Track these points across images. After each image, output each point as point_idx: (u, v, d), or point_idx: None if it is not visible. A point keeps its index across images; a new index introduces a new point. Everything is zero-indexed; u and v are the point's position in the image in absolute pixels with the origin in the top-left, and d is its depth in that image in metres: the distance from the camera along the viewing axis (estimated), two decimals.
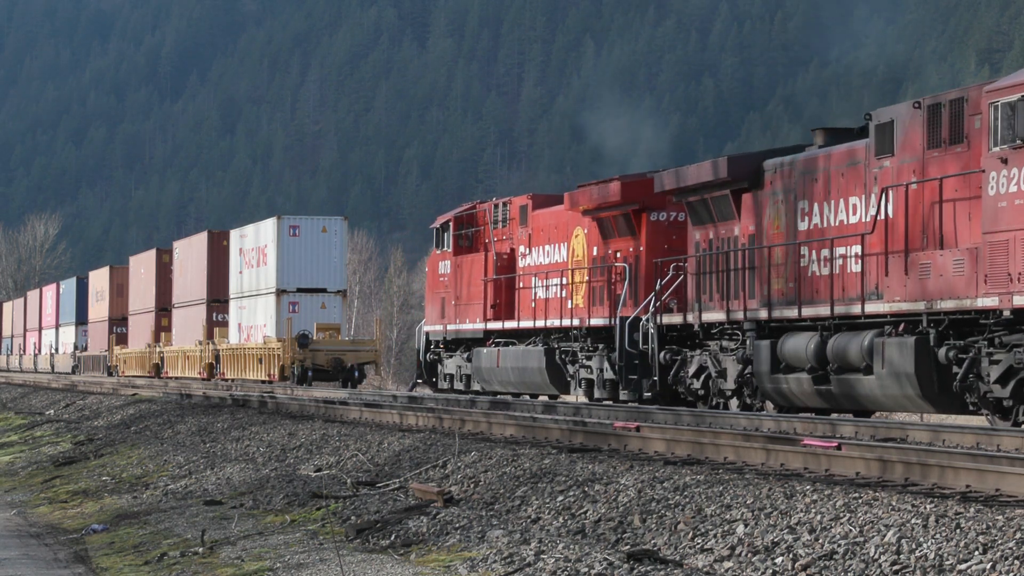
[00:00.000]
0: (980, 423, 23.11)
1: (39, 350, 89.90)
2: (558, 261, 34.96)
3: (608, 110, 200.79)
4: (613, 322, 31.24)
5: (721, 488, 13.31)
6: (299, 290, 50.64)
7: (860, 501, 11.88)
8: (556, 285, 34.66)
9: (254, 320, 52.72)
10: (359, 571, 13.10)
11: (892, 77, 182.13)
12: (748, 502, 12.62)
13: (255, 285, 52.75)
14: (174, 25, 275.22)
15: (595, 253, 33.19)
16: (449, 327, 39.43)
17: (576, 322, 33.26)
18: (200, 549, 15.61)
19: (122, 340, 71.18)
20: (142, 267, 68.18)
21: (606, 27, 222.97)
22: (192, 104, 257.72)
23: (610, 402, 30.73)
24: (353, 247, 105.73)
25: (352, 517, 15.96)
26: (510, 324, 36.44)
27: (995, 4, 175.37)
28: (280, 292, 50.37)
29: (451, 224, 39.83)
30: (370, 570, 13.09)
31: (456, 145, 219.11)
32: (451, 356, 39.78)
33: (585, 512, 13.94)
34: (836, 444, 15.47)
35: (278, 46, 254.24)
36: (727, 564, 11.46)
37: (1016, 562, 9.82)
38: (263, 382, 48.43)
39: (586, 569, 11.68)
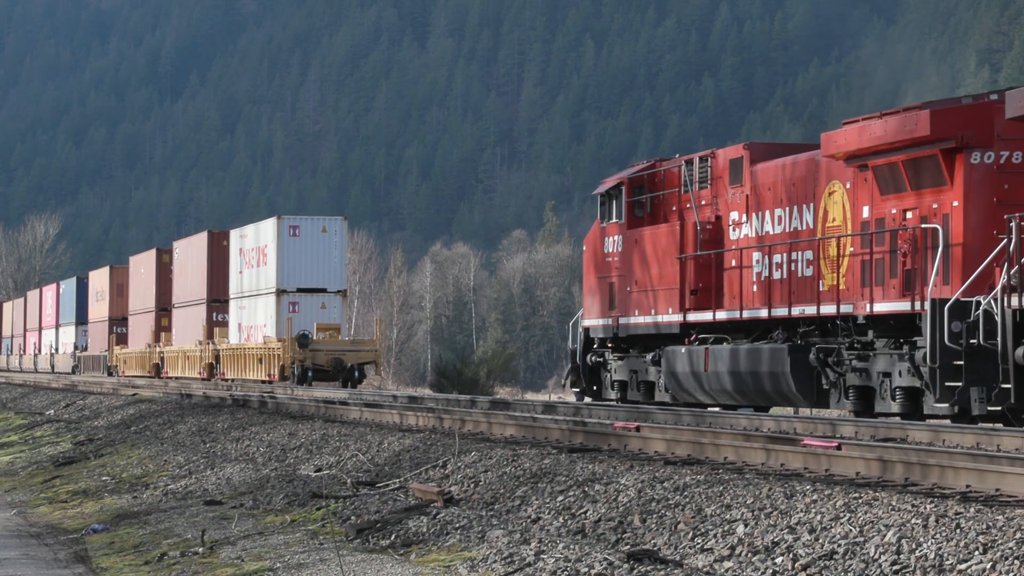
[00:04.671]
0: None
1: (39, 350, 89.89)
2: (798, 228, 26.92)
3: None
4: (919, 307, 23.17)
5: (721, 488, 13.31)
6: (299, 290, 50.61)
7: (860, 501, 11.88)
8: (798, 261, 26.77)
9: (254, 320, 52.70)
10: (359, 571, 13.10)
11: (892, 77, 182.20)
12: (748, 502, 12.62)
13: (255, 285, 52.73)
14: (174, 25, 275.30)
15: (866, 215, 25.10)
16: (622, 320, 31.51)
17: (847, 308, 24.95)
18: (200, 549, 15.60)
19: (122, 340, 71.17)
20: (142, 267, 68.17)
21: (606, 27, 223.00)
22: (192, 104, 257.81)
23: (898, 418, 23.49)
24: (353, 247, 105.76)
25: (352, 517, 15.96)
26: (727, 314, 28.17)
27: (995, 4, 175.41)
28: (280, 292, 50.35)
29: (623, 188, 31.78)
30: (370, 570, 13.09)
31: (456, 145, 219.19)
32: (623, 358, 32.02)
33: (585, 512, 13.93)
34: (836, 444, 15.46)
35: (278, 46, 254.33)
36: (727, 564, 11.46)
37: (1016, 562, 9.82)
38: (263, 382, 48.41)
39: (586, 569, 11.68)
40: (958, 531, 10.58)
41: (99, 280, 76.34)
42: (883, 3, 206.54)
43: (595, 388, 33.01)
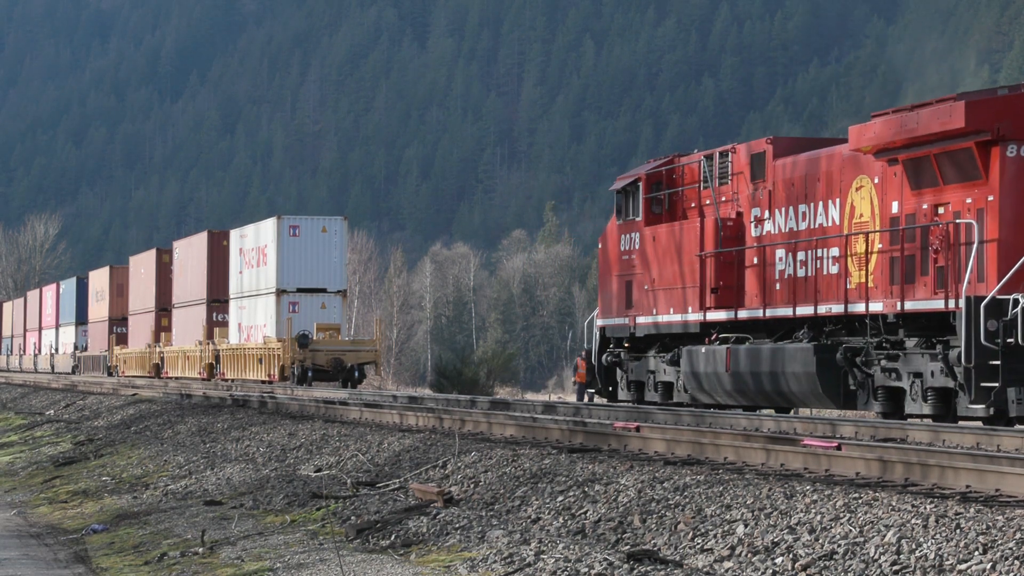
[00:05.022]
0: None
1: (39, 350, 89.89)
2: (823, 225, 26.01)
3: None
4: (953, 305, 22.31)
5: (721, 488, 13.30)
6: (299, 290, 50.60)
7: (860, 501, 11.88)
8: (823, 258, 25.88)
9: (254, 320, 52.70)
10: (359, 571, 13.10)
11: (892, 77, 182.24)
12: (748, 502, 12.61)
13: (255, 285, 52.73)
14: (174, 25, 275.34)
15: (895, 210, 24.18)
16: (639, 320, 30.67)
17: (877, 307, 24.08)
18: (200, 549, 15.61)
19: (122, 340, 71.16)
20: (142, 267, 68.16)
21: (606, 27, 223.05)
22: (192, 104, 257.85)
23: (930, 420, 22.80)
24: (353, 247, 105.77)
25: (352, 517, 15.96)
26: (749, 313, 27.38)
27: (995, 4, 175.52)
28: (280, 292, 50.34)
29: (641, 184, 30.95)
30: (370, 570, 13.09)
31: (456, 145, 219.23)
32: (639, 358, 31.25)
33: (585, 512, 13.93)
34: (836, 444, 15.46)
35: (278, 46, 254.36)
36: (727, 564, 11.46)
37: (1016, 562, 9.82)
38: (263, 382, 48.41)
39: (586, 569, 11.68)
40: (958, 531, 10.58)
41: (99, 280, 76.34)
42: (883, 3, 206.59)
43: (610, 389, 32.11)
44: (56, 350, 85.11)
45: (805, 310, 25.72)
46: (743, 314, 27.39)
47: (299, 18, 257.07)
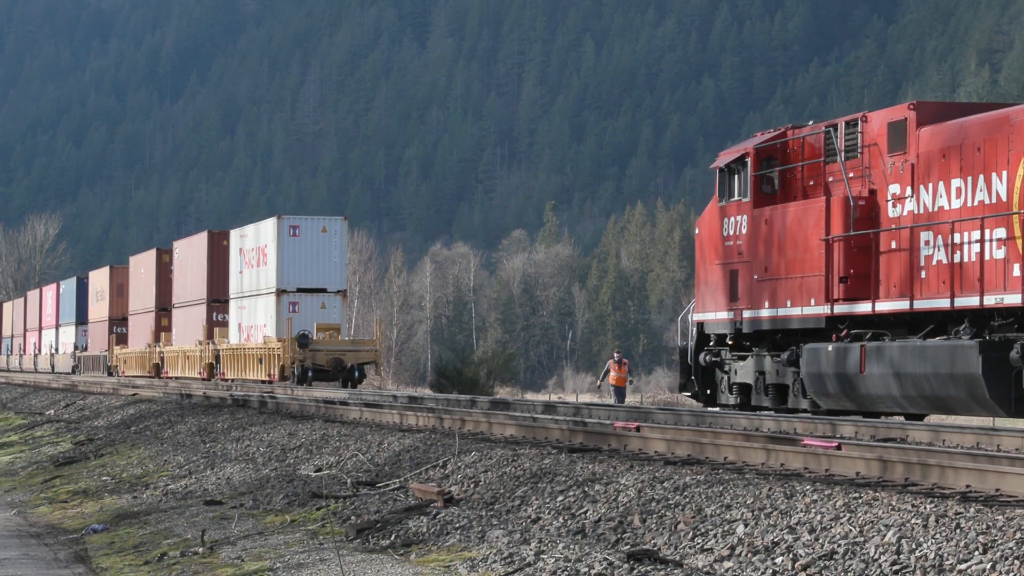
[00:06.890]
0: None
1: (39, 350, 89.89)
2: (984, 202, 22.00)
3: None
4: None
5: (721, 488, 13.30)
6: (299, 290, 50.58)
7: (860, 501, 11.88)
8: (985, 240, 21.84)
9: (254, 320, 52.69)
10: (359, 571, 13.10)
11: (892, 77, 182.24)
12: (748, 502, 12.62)
13: (255, 285, 52.72)
14: (174, 25, 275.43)
15: None
16: (747, 314, 27.08)
17: None
18: (200, 549, 15.61)
19: (122, 340, 71.16)
20: (142, 267, 68.16)
21: (606, 27, 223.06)
22: (192, 104, 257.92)
23: None
24: (353, 247, 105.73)
25: (352, 517, 15.96)
26: (891, 305, 23.49)
27: (995, 4, 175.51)
28: (280, 292, 50.33)
29: (749, 160, 27.41)
30: (370, 570, 13.09)
31: (456, 145, 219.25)
32: (743, 357, 27.69)
33: (585, 512, 13.93)
34: (836, 444, 15.46)
35: (278, 46, 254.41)
36: (727, 564, 11.46)
37: (1016, 562, 9.82)
38: (263, 382, 48.40)
39: (586, 569, 11.69)
40: (958, 531, 10.58)
41: (99, 280, 76.34)
42: (883, 3, 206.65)
43: (709, 392, 28.71)
44: (56, 350, 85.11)
45: (967, 301, 21.81)
46: (882, 307, 23.65)
47: (299, 18, 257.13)
